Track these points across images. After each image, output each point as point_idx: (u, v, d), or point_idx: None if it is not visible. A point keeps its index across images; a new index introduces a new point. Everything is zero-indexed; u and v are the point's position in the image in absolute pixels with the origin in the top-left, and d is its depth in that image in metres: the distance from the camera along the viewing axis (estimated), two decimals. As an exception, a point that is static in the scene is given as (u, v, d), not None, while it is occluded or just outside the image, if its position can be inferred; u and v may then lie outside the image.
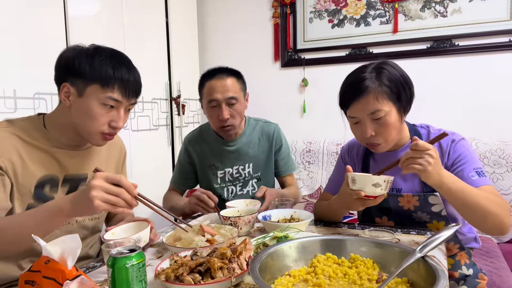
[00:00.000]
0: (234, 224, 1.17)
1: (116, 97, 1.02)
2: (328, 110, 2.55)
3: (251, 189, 1.67)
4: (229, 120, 1.51)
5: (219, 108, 1.50)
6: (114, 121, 1.05)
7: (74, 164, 1.10)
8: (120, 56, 1.07)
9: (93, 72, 0.99)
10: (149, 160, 2.36)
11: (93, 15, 1.98)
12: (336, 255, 0.89)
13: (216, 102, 1.50)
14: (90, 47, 1.04)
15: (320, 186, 2.43)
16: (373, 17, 2.50)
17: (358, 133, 1.19)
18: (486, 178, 1.11)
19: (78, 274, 0.66)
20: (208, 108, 1.53)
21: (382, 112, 1.11)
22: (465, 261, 1.22)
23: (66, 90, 1.02)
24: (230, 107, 1.50)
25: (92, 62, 1.00)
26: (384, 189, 1.04)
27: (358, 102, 1.12)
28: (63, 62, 1.03)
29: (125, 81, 1.03)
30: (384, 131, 1.13)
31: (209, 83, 1.51)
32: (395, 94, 1.12)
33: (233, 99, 1.50)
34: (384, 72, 1.13)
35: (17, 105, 1.58)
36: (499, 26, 2.21)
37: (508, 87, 2.23)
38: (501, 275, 1.46)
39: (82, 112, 1.02)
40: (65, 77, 1.02)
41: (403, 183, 1.21)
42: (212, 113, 1.53)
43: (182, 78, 2.68)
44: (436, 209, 1.16)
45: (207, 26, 3.02)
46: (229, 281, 0.77)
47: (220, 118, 1.50)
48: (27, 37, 1.63)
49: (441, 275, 0.70)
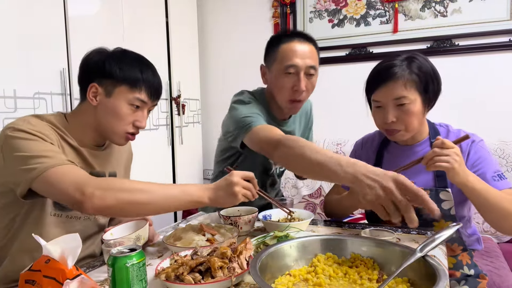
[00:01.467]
0: (234, 223, 1.17)
1: (143, 98, 1.08)
2: (328, 109, 2.55)
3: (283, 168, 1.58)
4: (303, 93, 1.30)
5: (295, 77, 1.28)
6: (139, 121, 1.10)
7: (97, 162, 1.13)
8: (146, 60, 1.13)
9: (123, 74, 1.05)
10: (149, 160, 2.36)
11: (93, 14, 1.98)
12: (337, 255, 0.89)
13: (294, 69, 1.27)
14: (117, 50, 1.10)
15: (320, 186, 2.43)
16: (373, 17, 2.50)
17: (379, 117, 1.20)
18: (506, 181, 1.13)
19: (78, 274, 0.66)
20: (281, 76, 1.29)
21: (407, 99, 1.12)
22: (466, 261, 1.22)
23: (94, 90, 1.06)
24: (308, 78, 1.29)
25: (122, 65, 1.05)
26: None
27: (386, 86, 1.14)
28: (92, 64, 1.07)
29: (151, 83, 1.09)
30: (406, 118, 1.14)
31: (288, 46, 1.29)
32: (423, 85, 1.14)
33: (312, 68, 1.29)
34: (415, 62, 1.15)
35: (17, 105, 1.58)
36: (499, 26, 2.21)
37: (508, 87, 2.23)
38: (501, 274, 1.46)
39: (110, 111, 1.06)
40: (93, 78, 1.06)
41: (416, 178, 1.20)
42: (285, 82, 1.29)
43: (182, 78, 2.68)
44: (446, 206, 1.16)
45: (207, 26, 3.02)
46: (229, 280, 0.77)
47: (295, 89, 1.28)
48: (27, 37, 1.63)
49: (442, 274, 0.70)
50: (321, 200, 2.42)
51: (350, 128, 2.38)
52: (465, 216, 1.24)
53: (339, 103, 2.58)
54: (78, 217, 1.09)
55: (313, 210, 2.41)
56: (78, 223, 1.10)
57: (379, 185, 0.81)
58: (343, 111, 2.55)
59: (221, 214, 1.23)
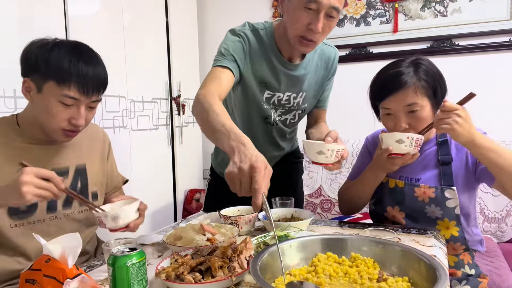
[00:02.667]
0: (234, 223, 1.17)
1: (72, 95, 0.97)
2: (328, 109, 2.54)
3: (290, 118, 1.42)
4: (318, 35, 1.16)
5: (315, 14, 1.12)
6: (74, 119, 1.00)
7: (52, 158, 1.08)
8: (80, 49, 1.02)
9: (49, 68, 0.96)
10: (149, 160, 2.36)
11: (93, 15, 1.98)
12: (337, 254, 0.89)
13: (316, 6, 1.10)
14: (51, 41, 1.01)
15: (320, 185, 2.43)
16: (373, 16, 2.50)
17: (390, 124, 1.20)
18: None
19: (79, 273, 0.66)
20: (300, 9, 1.13)
21: (418, 106, 1.13)
22: (468, 261, 1.22)
23: (27, 85, 1.00)
24: (327, 19, 1.14)
25: (49, 58, 0.96)
26: (409, 146, 1.09)
27: (396, 95, 1.14)
28: (24, 57, 1.00)
29: (83, 77, 0.97)
30: (417, 124, 1.15)
31: None
32: (431, 90, 1.15)
33: (336, 10, 1.13)
34: (421, 67, 1.16)
35: (17, 104, 1.58)
36: (499, 26, 2.21)
37: (508, 86, 2.23)
38: (501, 274, 1.46)
39: (41, 109, 0.99)
40: (26, 72, 1.00)
41: (422, 174, 1.22)
42: (302, 17, 1.13)
43: (182, 78, 2.68)
44: (451, 205, 1.16)
45: (207, 26, 3.02)
46: (229, 280, 0.77)
47: (310, 27, 1.13)
48: (27, 37, 1.62)
49: (442, 274, 0.70)
50: (321, 200, 2.42)
51: (350, 128, 2.38)
52: (471, 214, 1.24)
53: (339, 103, 2.58)
54: (42, 220, 1.04)
55: (313, 210, 2.41)
56: (47, 225, 1.05)
57: (238, 163, 0.81)
58: (343, 110, 2.55)
59: (221, 214, 1.23)
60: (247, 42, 1.25)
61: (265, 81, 1.30)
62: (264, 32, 1.27)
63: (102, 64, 1.05)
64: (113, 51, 2.10)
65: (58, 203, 1.08)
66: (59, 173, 1.08)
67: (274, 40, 1.27)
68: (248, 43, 1.25)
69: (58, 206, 1.08)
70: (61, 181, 0.89)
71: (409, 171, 1.23)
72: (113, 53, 2.10)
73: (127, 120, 2.19)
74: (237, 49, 1.22)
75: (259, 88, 1.31)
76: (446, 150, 1.21)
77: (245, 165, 0.80)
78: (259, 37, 1.26)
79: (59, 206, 1.08)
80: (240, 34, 1.25)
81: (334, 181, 2.39)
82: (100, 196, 1.22)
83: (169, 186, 2.65)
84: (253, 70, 1.27)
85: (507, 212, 1.97)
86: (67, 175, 1.12)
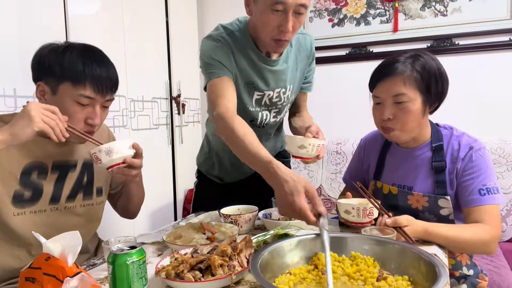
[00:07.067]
0: (234, 222, 1.17)
1: (88, 94, 1.01)
2: (328, 109, 2.55)
3: (282, 116, 1.45)
4: (289, 34, 1.17)
5: (283, 15, 1.13)
6: (90, 118, 1.04)
7: (62, 151, 1.10)
8: (92, 51, 1.06)
9: (63, 70, 0.99)
10: (149, 159, 2.36)
11: (93, 15, 1.98)
12: (337, 253, 0.89)
13: (283, 7, 1.11)
14: (62, 45, 1.04)
15: (320, 185, 2.43)
16: (373, 16, 2.50)
17: (377, 114, 1.18)
18: (495, 197, 1.08)
19: (79, 271, 0.66)
20: (267, 11, 1.13)
21: (405, 97, 1.10)
22: (466, 262, 1.21)
23: (41, 89, 1.03)
24: (296, 17, 1.15)
25: (62, 60, 0.99)
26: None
27: (385, 82, 1.12)
28: (36, 61, 1.03)
29: (97, 77, 1.01)
30: (403, 116, 1.11)
31: None
32: (424, 84, 1.11)
33: (303, 7, 1.13)
34: (419, 60, 1.12)
35: (17, 103, 1.58)
36: (499, 25, 2.21)
37: (508, 86, 2.23)
38: (501, 274, 1.46)
39: None
40: (39, 76, 1.03)
41: (416, 182, 1.19)
42: (270, 19, 1.14)
43: (182, 78, 2.68)
44: (445, 213, 1.14)
45: (207, 26, 3.02)
46: (229, 278, 0.77)
47: (281, 29, 1.14)
48: (27, 37, 1.63)
49: (442, 273, 0.70)
50: (321, 199, 2.41)
51: (350, 127, 2.38)
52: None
53: (339, 102, 2.58)
54: (43, 210, 1.06)
55: (313, 210, 2.40)
56: (47, 216, 1.06)
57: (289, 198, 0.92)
58: (343, 110, 2.55)
59: (221, 213, 1.23)
60: (227, 45, 1.25)
61: (251, 81, 1.30)
62: (239, 33, 1.28)
63: (112, 65, 1.10)
64: (113, 51, 2.09)
65: (62, 196, 1.09)
66: (68, 166, 1.11)
67: (250, 37, 1.27)
68: (228, 46, 1.25)
69: (61, 198, 1.09)
70: (62, 118, 0.93)
71: (402, 177, 1.21)
72: (113, 53, 2.07)
73: (127, 119, 2.19)
74: (221, 54, 1.23)
75: (247, 90, 1.31)
76: (441, 155, 1.16)
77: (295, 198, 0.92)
78: (236, 38, 1.26)
79: (62, 198, 1.10)
80: (218, 39, 1.25)
81: (334, 181, 2.39)
82: (105, 193, 1.23)
83: (169, 186, 2.65)
84: (239, 71, 1.27)
85: (507, 211, 1.97)
86: (74, 169, 1.13)
